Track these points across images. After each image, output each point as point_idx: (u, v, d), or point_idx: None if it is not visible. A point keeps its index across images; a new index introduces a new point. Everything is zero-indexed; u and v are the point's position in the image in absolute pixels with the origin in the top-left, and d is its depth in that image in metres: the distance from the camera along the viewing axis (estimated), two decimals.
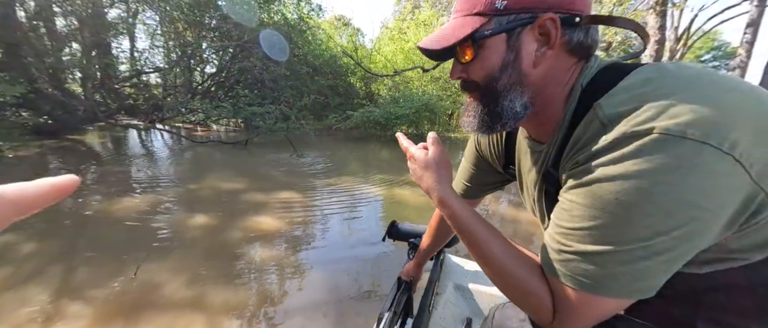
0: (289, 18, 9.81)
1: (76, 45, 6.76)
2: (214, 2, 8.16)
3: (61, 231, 2.47)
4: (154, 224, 2.66)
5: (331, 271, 2.12)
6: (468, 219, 0.47)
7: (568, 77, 0.41)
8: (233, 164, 5.01)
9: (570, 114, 0.41)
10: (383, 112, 7.53)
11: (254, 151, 6.12)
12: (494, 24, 0.40)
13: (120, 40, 8.82)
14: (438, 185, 0.51)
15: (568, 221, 0.37)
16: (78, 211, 2.85)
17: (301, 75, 9.14)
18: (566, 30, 0.39)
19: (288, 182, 4.09)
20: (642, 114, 0.32)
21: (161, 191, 3.48)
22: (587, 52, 0.41)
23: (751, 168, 0.30)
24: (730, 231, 0.33)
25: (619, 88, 0.36)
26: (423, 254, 0.89)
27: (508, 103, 0.42)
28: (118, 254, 2.17)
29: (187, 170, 4.48)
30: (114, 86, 7.17)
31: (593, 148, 0.35)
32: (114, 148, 6.01)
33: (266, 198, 3.43)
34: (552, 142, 0.44)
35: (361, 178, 4.51)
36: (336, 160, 5.65)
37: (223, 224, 2.69)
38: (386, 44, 12.01)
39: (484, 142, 0.64)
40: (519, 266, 0.42)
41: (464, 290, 1.05)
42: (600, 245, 0.34)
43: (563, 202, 0.39)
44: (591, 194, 0.35)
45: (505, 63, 0.41)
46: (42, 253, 2.15)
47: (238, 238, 2.48)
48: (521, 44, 0.40)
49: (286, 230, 2.66)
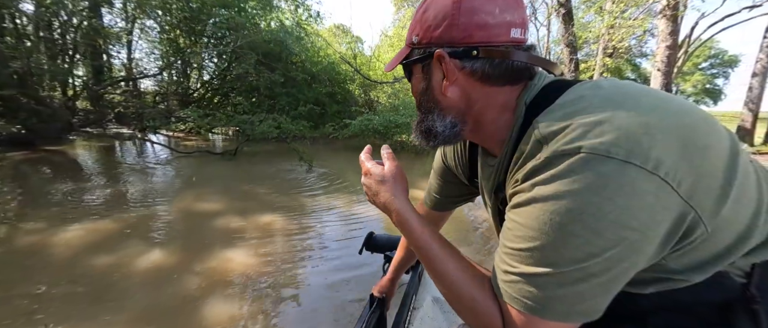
0: (287, 24, 9.38)
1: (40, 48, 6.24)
2: (210, 10, 7.71)
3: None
4: (92, 261, 2.07)
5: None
6: (423, 235, 0.46)
7: (504, 98, 0.42)
8: (216, 179, 4.43)
9: (516, 131, 0.41)
10: (382, 120, 6.98)
11: (243, 163, 5.55)
12: (414, 54, 0.45)
13: (113, 46, 8.44)
14: (395, 198, 0.49)
15: (511, 241, 0.36)
16: (4, 239, 2.27)
17: (297, 82, 8.63)
18: (465, 62, 0.41)
19: (272, 202, 3.50)
20: (571, 132, 0.32)
21: (120, 215, 2.90)
22: (512, 76, 0.41)
23: (679, 187, 0.30)
24: (666, 251, 0.33)
25: (555, 106, 0.36)
26: (396, 268, 0.83)
27: (431, 122, 0.45)
28: (29, 302, 1.58)
29: (160, 188, 3.91)
30: (99, 93, 6.63)
31: (530, 166, 0.34)
32: (90, 160, 5.44)
33: (243, 224, 2.84)
34: (501, 157, 0.44)
35: (357, 196, 3.93)
36: (330, 173, 5.08)
37: (180, 265, 2.10)
38: (386, 52, 11.57)
39: (450, 153, 0.62)
40: (472, 285, 0.41)
41: (442, 303, 0.97)
42: (539, 267, 0.33)
43: (508, 221, 0.38)
44: (529, 214, 0.34)
45: (423, 88, 0.46)
46: None
47: (193, 288, 1.89)
48: (431, 74, 0.44)
49: (256, 275, 2.06)
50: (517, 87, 0.42)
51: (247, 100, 8.81)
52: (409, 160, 6.51)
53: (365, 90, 10.75)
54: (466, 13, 0.39)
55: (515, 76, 0.41)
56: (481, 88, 0.42)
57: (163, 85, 9.29)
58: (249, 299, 1.82)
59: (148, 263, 2.10)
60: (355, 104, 9.73)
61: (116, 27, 7.96)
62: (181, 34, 8.47)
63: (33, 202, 3.11)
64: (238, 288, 1.91)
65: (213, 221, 2.88)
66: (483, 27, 0.39)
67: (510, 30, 0.40)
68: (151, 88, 9.61)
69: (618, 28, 7.96)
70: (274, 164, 5.52)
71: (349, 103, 9.74)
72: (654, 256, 0.32)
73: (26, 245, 2.27)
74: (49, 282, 1.83)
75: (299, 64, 9.08)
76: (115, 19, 8.02)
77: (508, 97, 0.42)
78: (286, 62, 8.75)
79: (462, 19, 0.39)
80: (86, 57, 7.50)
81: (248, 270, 2.09)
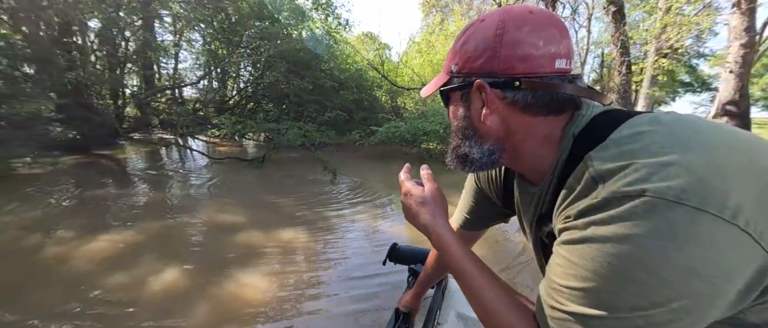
0: (317, 33, 9.45)
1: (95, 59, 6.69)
2: (247, 22, 7.95)
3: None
4: (106, 278, 1.96)
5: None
6: (464, 260, 0.45)
7: (546, 128, 0.41)
8: (242, 187, 4.38)
9: (562, 163, 0.39)
10: (410, 128, 6.65)
11: (269, 170, 5.51)
12: (453, 82, 0.45)
13: (163, 59, 9.05)
14: (435, 221, 0.49)
15: (561, 278, 0.34)
16: (27, 248, 2.26)
17: (325, 90, 8.61)
18: (507, 92, 0.39)
19: (294, 214, 3.32)
20: (632, 173, 0.30)
21: (146, 225, 2.86)
22: (555, 107, 0.40)
23: (761, 238, 0.27)
24: (745, 304, 0.30)
25: (610, 141, 0.34)
26: (422, 284, 0.80)
27: (468, 149, 0.45)
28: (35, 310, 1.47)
29: (189, 195, 3.90)
30: (145, 101, 7.03)
31: (585, 204, 0.32)
32: (133, 165, 5.70)
33: (264, 240, 2.67)
34: (544, 187, 0.43)
35: (382, 208, 3.64)
36: (354, 182, 4.85)
37: (191, 290, 1.94)
38: (413, 57, 11.28)
39: (483, 175, 0.61)
40: (513, 316, 0.39)
41: (467, 319, 0.88)
42: (593, 309, 0.31)
43: (557, 256, 0.35)
44: (583, 253, 0.32)
45: (461, 116, 0.45)
46: None
47: (200, 319, 1.69)
48: (470, 102, 0.43)
49: (273, 303, 1.83)
50: (562, 117, 0.40)
51: (277, 108, 8.95)
52: (436, 171, 6.11)
53: (392, 96, 10.52)
54: (508, 46, 0.38)
55: (559, 107, 0.40)
56: (521, 118, 0.40)
57: (202, 94, 9.77)
58: (269, 313, 1.59)
59: (159, 285, 1.96)
60: (382, 111, 9.52)
61: (166, 41, 8.52)
62: (220, 45, 8.85)
63: (70, 208, 3.19)
64: (257, 305, 1.69)
65: (234, 235, 2.74)
66: (526, 59, 0.38)
67: (554, 61, 0.39)
68: (193, 97, 10.16)
69: (675, 26, 6.98)
70: (299, 172, 5.42)
71: (375, 110, 9.55)
72: (729, 309, 0.29)
73: (52, 254, 2.25)
74: (59, 296, 1.74)
75: (328, 72, 9.08)
76: (164, 34, 8.61)
77: (551, 127, 0.40)
78: (315, 70, 8.78)
79: (504, 51, 0.39)
80: (138, 68, 8.07)
81: (265, 299, 1.87)
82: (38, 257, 2.21)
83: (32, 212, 2.95)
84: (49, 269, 2.07)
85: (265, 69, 8.39)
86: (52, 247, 2.35)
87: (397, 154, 7.88)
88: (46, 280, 1.94)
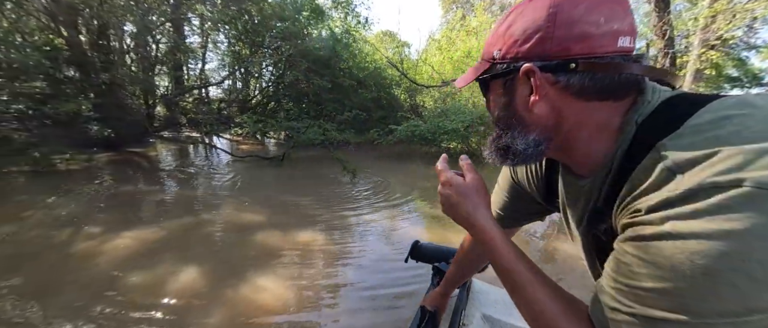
0: (336, 31, 9.43)
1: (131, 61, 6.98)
2: (269, 23, 8.06)
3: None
4: (126, 278, 1.96)
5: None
6: (509, 255, 0.41)
7: (604, 116, 0.36)
8: (262, 186, 4.39)
9: (622, 153, 0.35)
10: (430, 126, 6.44)
11: (289, 168, 5.52)
12: (496, 69, 0.40)
13: (192, 60, 9.41)
14: (477, 212, 0.45)
15: (627, 278, 0.30)
16: (57, 243, 2.31)
17: (344, 88, 8.57)
18: (560, 76, 0.35)
19: (314, 216, 3.24)
20: (723, 162, 0.26)
21: (166, 222, 2.88)
22: (616, 90, 0.35)
23: None
24: None
25: (687, 128, 0.30)
26: (449, 283, 0.77)
27: (511, 139, 0.41)
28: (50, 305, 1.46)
29: (211, 193, 3.95)
30: (173, 101, 7.29)
31: (659, 198, 0.29)
32: (161, 162, 5.91)
33: (282, 241, 2.60)
34: (597, 180, 0.39)
35: (400, 208, 3.49)
36: (373, 181, 4.73)
37: (207, 293, 1.89)
38: (433, 55, 11.01)
39: (521, 170, 0.56)
40: (565, 317, 0.36)
41: (494, 321, 0.84)
42: (669, 313, 0.27)
43: (621, 254, 0.32)
44: (657, 251, 0.28)
45: (503, 104, 0.41)
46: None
47: (223, 316, 1.63)
48: (515, 89, 0.39)
49: (289, 311, 1.75)
50: (622, 103, 0.36)
51: (297, 107, 9.04)
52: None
53: (411, 95, 10.32)
54: (562, 26, 0.34)
55: (620, 91, 0.36)
56: (575, 104, 0.36)
57: (227, 93, 10.05)
58: (285, 321, 1.50)
59: (179, 285, 1.93)
60: (401, 109, 9.36)
61: (194, 43, 8.85)
62: (243, 46, 9.04)
63: (101, 204, 3.30)
64: (273, 312, 1.60)
65: (252, 235, 2.70)
66: (584, 38, 0.34)
67: (617, 39, 0.34)
68: (218, 97, 10.49)
69: (728, 12, 6.27)
70: (318, 171, 5.38)
71: (394, 109, 9.41)
72: None
73: (79, 250, 2.29)
74: (77, 294, 1.74)
75: (346, 70, 9.03)
76: (192, 36, 8.94)
77: (609, 114, 0.36)
78: (334, 69, 8.76)
79: (558, 32, 0.35)
80: (168, 69, 8.43)
81: (282, 304, 1.79)
82: (65, 252, 2.26)
83: (67, 208, 3.08)
84: (73, 264, 2.11)
85: (286, 68, 8.48)
86: (80, 242, 2.41)
87: (415, 154, 7.69)
88: (68, 276, 1.96)
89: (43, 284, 1.85)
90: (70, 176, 4.12)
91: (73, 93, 5.05)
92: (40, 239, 2.43)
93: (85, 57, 4.89)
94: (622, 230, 0.33)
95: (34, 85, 5.10)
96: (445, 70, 9.72)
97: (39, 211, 2.95)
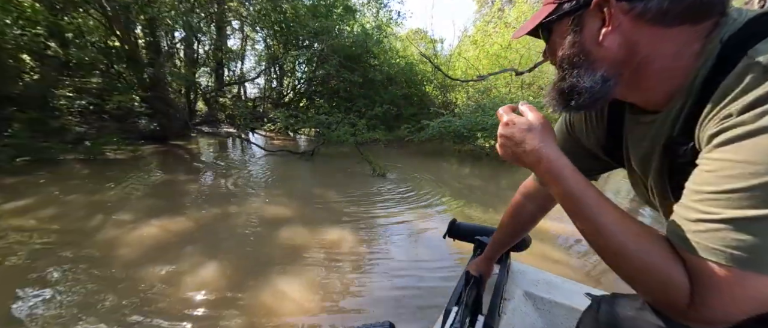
0: (368, 27, 9.22)
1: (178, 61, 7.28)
2: (303, 20, 8.06)
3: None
4: (148, 269, 1.82)
5: None
6: (579, 183, 0.39)
7: (682, 41, 0.34)
8: (291, 180, 4.25)
9: (705, 72, 0.33)
10: (467, 122, 5.93)
11: (319, 164, 5.37)
12: (564, 8, 0.39)
13: (232, 60, 9.80)
14: (544, 145, 0.42)
15: (714, 185, 0.29)
16: (87, 229, 2.27)
17: (374, 84, 8.33)
18: (635, 2, 0.34)
19: (342, 213, 2.99)
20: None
21: (196, 213, 2.79)
22: (697, 12, 0.33)
23: None
24: None
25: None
26: (495, 248, 0.79)
27: (577, 78, 0.40)
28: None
29: (239, 187, 3.86)
30: (211, 97, 7.55)
31: (753, 96, 0.27)
32: (201, 155, 6.07)
33: (308, 240, 2.37)
34: (673, 108, 0.36)
35: (431, 207, 3.13)
36: (404, 181, 4.40)
37: (225, 294, 1.68)
38: (467, 50, 10.39)
39: (579, 123, 0.54)
40: (639, 239, 0.33)
41: (536, 299, 0.86)
42: (763, 209, 0.26)
43: (707, 163, 0.30)
44: (754, 147, 0.26)
45: (571, 42, 0.40)
46: None
47: (242, 317, 1.40)
48: (584, 25, 0.38)
49: (314, 311, 1.48)
50: (701, 27, 0.33)
51: (328, 104, 8.98)
52: (493, 169, 5.41)
53: (443, 91, 9.82)
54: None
55: (701, 12, 0.33)
56: (650, 31, 0.35)
57: (262, 91, 10.31)
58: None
59: (198, 282, 1.75)
60: (433, 106, 8.92)
61: (234, 45, 9.19)
62: (277, 45, 9.18)
63: (138, 193, 3.32)
64: (295, 309, 1.35)
65: (277, 231, 2.50)
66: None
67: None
68: (254, 94, 10.81)
69: None
70: (348, 166, 5.16)
71: (425, 105, 9.00)
72: None
73: (106, 238, 2.23)
74: (96, 284, 1.62)
75: (377, 67, 8.79)
76: (233, 37, 9.29)
77: (688, 39, 0.34)
78: (365, 64, 8.56)
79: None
80: (210, 68, 8.82)
81: (306, 302, 1.53)
82: (94, 239, 2.21)
83: (106, 193, 3.12)
84: (98, 252, 2.03)
85: (318, 65, 8.45)
86: (109, 230, 2.36)
87: (447, 152, 7.22)
88: (92, 265, 1.87)
89: (63, 265, 1.77)
90: (118, 164, 4.30)
91: (124, 87, 5.32)
92: (71, 223, 2.43)
93: (134, 53, 5.12)
94: (708, 141, 0.31)
95: (92, 80, 5.47)
96: (480, 66, 9.09)
97: (79, 195, 3.01)
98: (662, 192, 0.41)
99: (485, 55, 9.41)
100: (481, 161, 6.08)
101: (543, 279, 0.91)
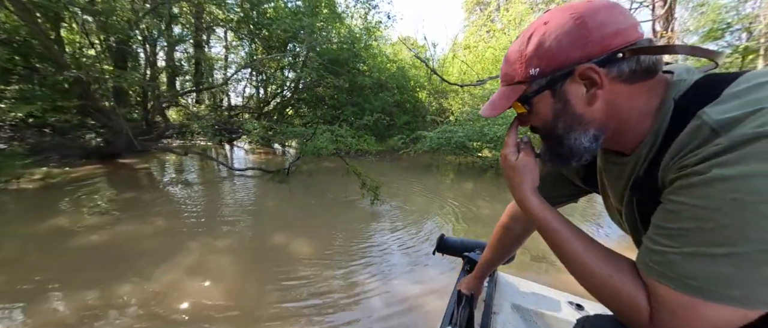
0: (356, 31, 8.23)
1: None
2: (284, 21, 6.98)
3: None
4: None
5: None
6: (554, 222, 0.45)
7: (647, 97, 0.39)
8: (262, 208, 3.11)
9: (665, 125, 0.38)
10: (469, 132, 4.94)
11: (295, 185, 4.25)
12: (534, 86, 0.42)
13: (216, 69, 8.62)
14: (520, 188, 0.50)
15: (673, 222, 0.32)
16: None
17: (363, 90, 7.31)
18: (611, 67, 0.38)
19: (320, 256, 1.87)
20: (764, 116, 0.29)
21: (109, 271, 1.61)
22: (650, 71, 0.39)
23: None
24: None
25: (726, 96, 0.33)
26: (484, 267, 0.79)
27: (574, 141, 0.42)
28: None
29: (180, 221, 2.71)
30: (169, 104, 6.31)
31: (705, 152, 0.31)
32: (134, 179, 4.85)
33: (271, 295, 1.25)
34: (641, 153, 0.41)
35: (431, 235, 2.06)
36: (396, 198, 3.33)
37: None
38: (460, 55, 9.54)
39: None
40: (605, 264, 0.39)
41: (524, 311, 0.86)
42: (711, 247, 0.29)
43: (668, 204, 0.34)
44: (703, 193, 0.30)
45: (557, 111, 0.42)
46: None
47: None
48: (567, 93, 0.40)
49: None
50: (655, 81, 0.39)
51: (312, 112, 7.89)
52: (493, 179, 4.42)
53: (437, 98, 8.88)
54: (595, 29, 0.38)
55: (652, 70, 0.39)
56: (625, 89, 0.39)
57: (243, 98, 9.13)
58: None
59: None
60: (427, 113, 7.94)
61: (218, 53, 8.04)
62: (258, 47, 8.07)
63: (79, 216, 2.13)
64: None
65: (208, 313, 1.37)
66: (618, 34, 0.38)
67: (637, 29, 0.39)
68: (239, 103, 9.56)
69: None
70: (329, 191, 4.05)
71: (419, 113, 8.03)
72: None
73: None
74: None
75: (366, 72, 7.79)
76: (215, 46, 8.14)
77: (650, 93, 0.39)
78: (353, 69, 7.54)
79: (593, 34, 0.38)
80: (190, 76, 7.64)
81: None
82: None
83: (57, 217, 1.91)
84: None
85: (302, 70, 7.38)
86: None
87: (446, 164, 6.21)
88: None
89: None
90: (57, 188, 3.06)
91: (43, 95, 4.08)
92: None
93: (51, 52, 3.90)
94: (669, 184, 0.34)
95: (7, 87, 4.21)
96: (475, 71, 8.22)
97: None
98: (632, 225, 0.45)
99: (479, 59, 8.56)
100: (482, 174, 5.10)
101: (529, 290, 0.92)
